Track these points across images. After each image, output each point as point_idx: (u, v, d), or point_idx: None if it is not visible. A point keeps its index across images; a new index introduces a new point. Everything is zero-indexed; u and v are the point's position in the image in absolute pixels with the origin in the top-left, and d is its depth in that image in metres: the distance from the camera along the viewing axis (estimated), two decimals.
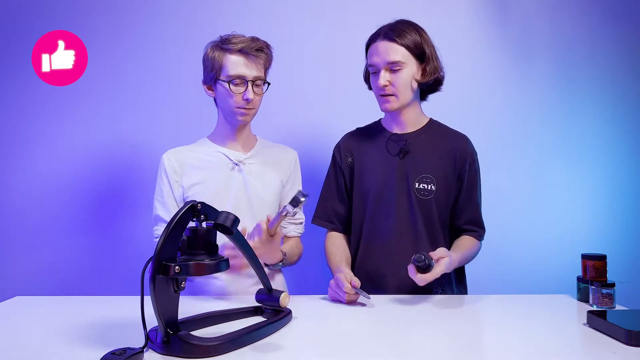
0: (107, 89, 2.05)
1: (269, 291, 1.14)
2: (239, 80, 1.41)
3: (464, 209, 1.51)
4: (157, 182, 1.49)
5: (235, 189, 1.47)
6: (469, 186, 1.50)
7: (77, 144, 2.04)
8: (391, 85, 1.43)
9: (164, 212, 1.46)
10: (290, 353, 0.94)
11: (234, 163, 1.49)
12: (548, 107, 2.07)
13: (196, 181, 1.46)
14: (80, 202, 2.04)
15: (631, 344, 0.94)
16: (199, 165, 1.48)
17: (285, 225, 1.58)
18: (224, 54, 1.42)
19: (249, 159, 1.52)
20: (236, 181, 1.48)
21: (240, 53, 1.41)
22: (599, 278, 1.26)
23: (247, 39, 1.43)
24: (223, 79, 1.42)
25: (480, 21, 2.07)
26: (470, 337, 1.08)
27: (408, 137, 1.52)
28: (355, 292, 1.26)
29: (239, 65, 1.41)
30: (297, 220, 1.60)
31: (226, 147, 1.52)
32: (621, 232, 2.04)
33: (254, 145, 1.57)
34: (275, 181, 1.54)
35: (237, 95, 1.42)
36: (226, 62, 1.41)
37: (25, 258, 2.03)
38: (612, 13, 2.06)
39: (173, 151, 1.51)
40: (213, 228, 0.96)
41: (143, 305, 0.89)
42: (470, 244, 1.47)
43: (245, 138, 1.54)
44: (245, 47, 1.41)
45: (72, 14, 2.03)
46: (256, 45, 1.42)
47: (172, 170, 1.47)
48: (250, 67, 1.43)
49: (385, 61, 1.42)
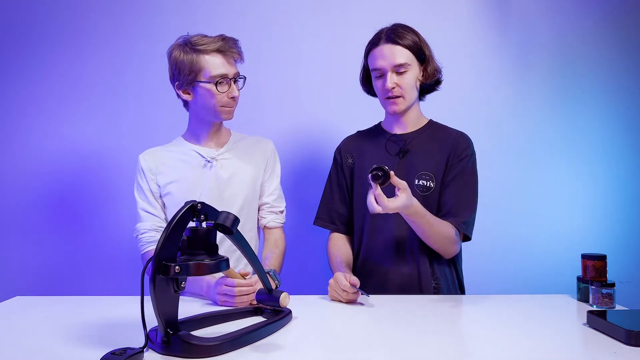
0: (98, 90, 2.05)
1: (269, 291, 1.14)
2: (223, 80, 1.42)
3: (446, 202, 1.45)
4: (136, 179, 1.52)
5: (208, 185, 1.49)
6: (456, 178, 1.45)
7: (77, 144, 2.04)
8: (398, 87, 1.45)
9: (148, 205, 1.49)
10: (290, 353, 0.94)
11: (206, 160, 1.51)
12: (548, 107, 2.07)
13: (170, 180, 1.49)
14: (81, 202, 2.04)
15: (631, 344, 0.94)
16: (173, 164, 1.51)
17: (264, 216, 1.59)
18: (199, 55, 1.41)
19: (221, 155, 1.53)
20: (208, 178, 1.49)
21: (217, 53, 1.42)
22: (599, 278, 1.26)
23: (219, 38, 1.43)
24: (204, 81, 1.42)
25: (481, 21, 2.07)
26: (470, 337, 1.08)
27: (407, 137, 1.52)
28: (355, 291, 1.26)
29: (219, 65, 1.42)
30: (276, 209, 1.59)
31: (200, 145, 1.53)
32: (621, 232, 2.04)
33: (227, 140, 1.58)
34: (250, 174, 1.54)
35: (222, 94, 1.43)
36: (205, 63, 1.41)
37: (25, 258, 2.03)
38: (612, 12, 2.06)
39: (149, 151, 1.54)
40: (213, 228, 0.96)
41: (143, 305, 0.89)
42: (441, 221, 1.39)
43: (219, 134, 1.56)
44: (221, 46, 1.42)
45: (72, 14, 2.04)
46: (230, 42, 1.44)
47: (148, 169, 1.50)
48: (230, 65, 1.44)
49: (391, 64, 1.44)
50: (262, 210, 1.59)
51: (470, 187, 1.48)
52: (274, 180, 1.61)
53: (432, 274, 1.46)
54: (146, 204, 1.49)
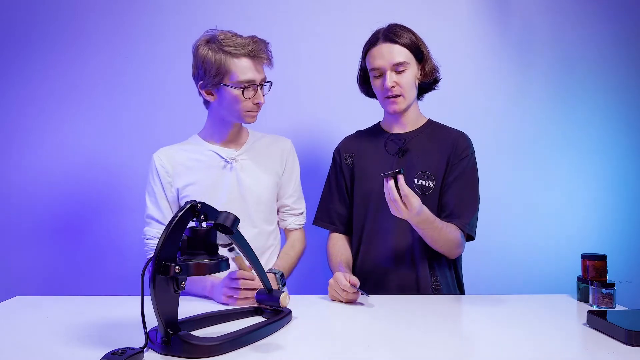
0: (98, 90, 2.04)
1: (269, 291, 1.14)
2: (250, 85, 1.38)
3: (448, 203, 1.45)
4: (149, 182, 1.47)
5: (227, 187, 1.46)
6: (458, 179, 1.45)
7: (77, 144, 2.04)
8: (398, 86, 1.45)
9: (157, 212, 1.45)
10: (290, 353, 0.94)
11: (226, 161, 1.48)
12: (548, 107, 2.07)
13: (189, 182, 1.45)
14: (81, 202, 2.04)
15: (631, 344, 0.94)
16: (190, 165, 1.46)
17: (284, 218, 1.57)
18: (229, 57, 1.35)
19: (241, 156, 1.50)
20: (228, 180, 1.46)
21: (247, 57, 1.37)
22: (599, 278, 1.26)
23: (250, 41, 1.37)
24: (231, 84, 1.37)
25: (481, 21, 2.07)
26: (470, 337, 1.08)
27: (406, 136, 1.52)
28: (355, 291, 1.26)
29: (248, 70, 1.37)
30: (296, 211, 1.58)
31: (218, 145, 1.50)
32: (621, 232, 2.04)
33: (246, 140, 1.54)
34: (270, 174, 1.52)
35: (247, 100, 1.39)
36: (233, 67, 1.36)
37: (25, 258, 2.03)
38: (612, 11, 2.06)
39: (164, 151, 1.49)
40: (213, 228, 0.96)
41: (143, 305, 0.89)
42: (447, 225, 1.39)
43: (238, 134, 1.52)
44: (252, 50, 1.36)
45: (72, 14, 2.04)
46: (261, 47, 1.39)
47: (164, 171, 1.45)
48: (259, 70, 1.40)
49: (390, 63, 1.44)
50: (282, 213, 1.57)
51: (472, 187, 1.48)
52: (293, 180, 1.57)
53: (433, 276, 1.46)
54: (154, 210, 1.45)
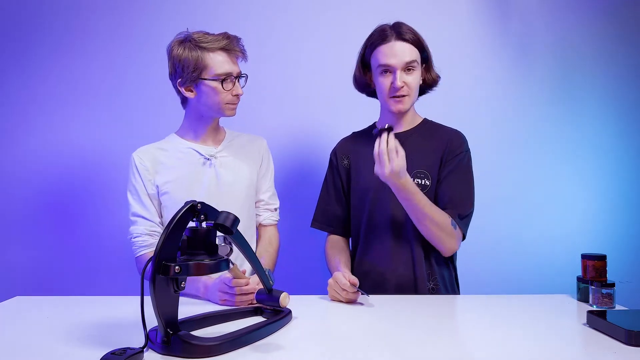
0: (98, 90, 2.05)
1: (269, 291, 1.14)
2: (227, 78, 1.43)
3: (442, 196, 1.44)
4: (130, 181, 1.49)
5: (207, 183, 1.48)
6: (452, 173, 1.45)
7: (77, 144, 2.04)
8: (406, 86, 1.44)
9: (142, 209, 1.46)
10: (290, 353, 0.94)
11: (205, 158, 1.50)
12: (548, 107, 2.07)
13: (168, 179, 1.47)
14: (82, 202, 2.04)
15: (631, 344, 0.94)
16: (170, 163, 1.49)
17: (260, 213, 1.59)
18: (205, 53, 1.41)
19: (220, 152, 1.53)
20: (207, 176, 1.49)
21: (222, 51, 1.42)
22: (599, 278, 1.26)
23: (224, 37, 1.43)
24: (209, 78, 1.42)
25: (481, 21, 2.07)
26: (471, 337, 1.08)
27: (402, 135, 1.52)
28: (355, 290, 1.26)
29: (224, 63, 1.42)
30: (271, 207, 1.61)
31: (197, 142, 1.53)
32: (621, 232, 2.04)
33: (224, 137, 1.58)
34: (248, 172, 1.55)
35: (226, 92, 1.44)
36: (210, 61, 1.41)
37: (25, 258, 2.03)
38: (612, 12, 2.06)
39: (143, 149, 1.52)
40: (213, 228, 0.96)
41: (143, 305, 0.89)
42: (434, 205, 1.39)
43: (216, 132, 1.56)
44: (226, 44, 1.42)
45: (72, 14, 2.04)
46: (234, 41, 1.44)
47: (144, 168, 1.48)
48: (234, 63, 1.46)
49: (402, 62, 1.42)
50: (258, 208, 1.60)
51: (466, 182, 1.47)
52: (268, 177, 1.62)
53: (431, 276, 1.46)
54: (139, 208, 1.46)
